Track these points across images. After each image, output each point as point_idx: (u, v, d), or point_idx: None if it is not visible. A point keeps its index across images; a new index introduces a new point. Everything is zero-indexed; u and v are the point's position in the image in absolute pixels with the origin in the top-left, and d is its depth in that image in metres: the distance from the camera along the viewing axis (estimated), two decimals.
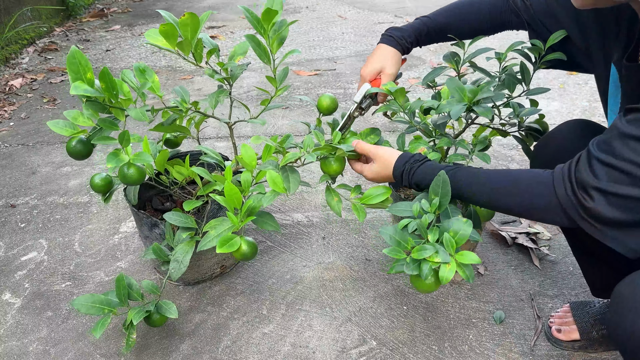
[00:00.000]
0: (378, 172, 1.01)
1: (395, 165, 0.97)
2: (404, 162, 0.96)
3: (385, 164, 0.99)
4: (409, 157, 0.97)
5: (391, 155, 0.99)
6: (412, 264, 0.85)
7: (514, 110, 1.12)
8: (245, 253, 0.97)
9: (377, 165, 1.00)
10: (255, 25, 1.00)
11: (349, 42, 3.21)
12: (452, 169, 0.91)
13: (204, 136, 2.04)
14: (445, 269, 0.83)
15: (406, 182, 0.96)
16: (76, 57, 0.90)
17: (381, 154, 1.00)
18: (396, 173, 0.97)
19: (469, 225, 0.85)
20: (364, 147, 1.03)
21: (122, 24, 3.57)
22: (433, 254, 0.84)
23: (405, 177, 0.95)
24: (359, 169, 1.06)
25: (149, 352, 1.12)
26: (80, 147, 1.01)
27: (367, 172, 1.03)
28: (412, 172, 0.94)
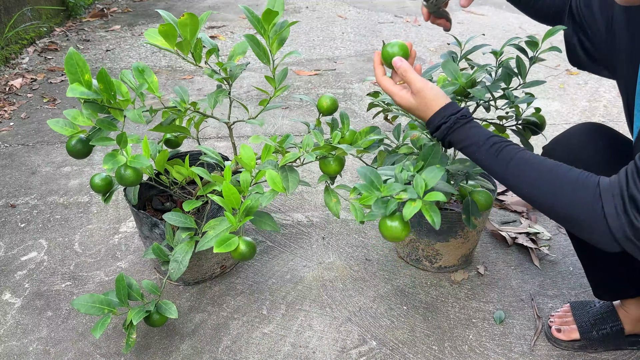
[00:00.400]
0: (412, 106, 0.88)
1: (437, 112, 0.85)
2: (449, 113, 0.84)
3: (425, 105, 0.86)
4: (455, 110, 0.84)
5: (436, 97, 0.86)
6: (381, 203, 0.84)
7: (510, 98, 1.12)
8: (243, 253, 0.97)
9: (415, 101, 0.87)
10: (255, 26, 1.00)
11: (349, 42, 3.21)
12: (499, 141, 0.80)
13: (204, 136, 2.04)
14: (410, 205, 0.82)
15: (440, 135, 0.85)
16: (74, 58, 0.90)
17: (426, 94, 0.86)
18: (434, 120, 0.85)
19: (440, 171, 0.85)
20: (410, 76, 0.87)
21: (122, 24, 3.57)
22: (401, 192, 0.83)
23: (441, 130, 0.84)
24: (389, 88, 0.91)
25: (149, 352, 1.12)
26: (80, 147, 1.01)
27: (399, 98, 0.89)
28: (453, 129, 0.83)
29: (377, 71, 0.93)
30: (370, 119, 2.19)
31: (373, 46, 3.12)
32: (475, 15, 3.83)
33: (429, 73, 1.21)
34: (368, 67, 2.78)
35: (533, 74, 2.62)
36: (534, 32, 3.33)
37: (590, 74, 1.08)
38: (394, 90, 0.90)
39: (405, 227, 0.86)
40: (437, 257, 1.30)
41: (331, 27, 3.53)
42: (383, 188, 0.84)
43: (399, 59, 0.89)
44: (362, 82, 2.57)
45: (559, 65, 2.76)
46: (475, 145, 0.82)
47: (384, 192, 0.84)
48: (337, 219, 1.54)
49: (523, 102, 1.12)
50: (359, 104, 2.33)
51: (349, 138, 1.13)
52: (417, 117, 0.92)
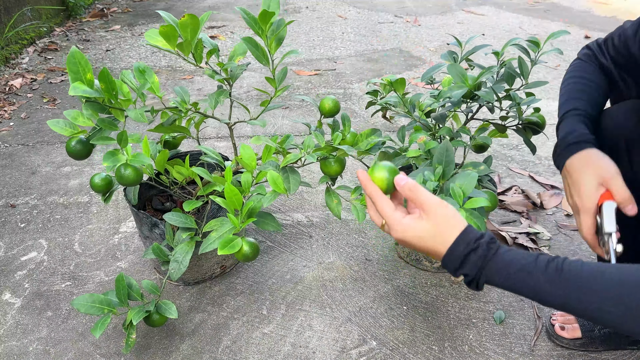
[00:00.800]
0: (422, 236, 0.67)
1: (458, 239, 0.65)
2: (474, 238, 0.65)
3: (441, 229, 0.66)
4: (478, 233, 0.66)
5: (455, 219, 0.67)
6: None
7: (514, 99, 1.13)
8: (246, 254, 0.97)
9: (427, 225, 0.66)
10: (252, 26, 1.01)
11: (349, 42, 3.21)
12: (551, 259, 0.63)
13: (204, 136, 2.04)
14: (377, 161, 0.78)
15: (470, 270, 0.64)
16: (76, 57, 0.90)
17: (442, 212, 0.66)
18: (456, 250, 0.65)
19: (474, 177, 0.79)
20: (418, 193, 0.67)
21: (122, 24, 3.57)
22: None
23: (472, 263, 0.64)
24: (388, 213, 0.69)
25: (149, 352, 1.12)
26: (80, 147, 1.01)
27: (402, 227, 0.68)
28: (489, 259, 0.64)
29: (371, 190, 0.71)
30: (371, 119, 2.19)
31: (373, 46, 3.12)
32: (475, 15, 3.83)
33: (430, 74, 1.21)
34: (368, 67, 2.78)
35: (533, 74, 2.62)
36: (534, 33, 3.33)
37: None
38: (396, 218, 0.68)
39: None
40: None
41: (331, 27, 3.53)
42: None
43: (401, 177, 0.70)
44: (361, 82, 2.57)
45: (559, 65, 2.76)
46: (523, 270, 0.62)
47: None
48: (337, 219, 1.54)
49: (528, 103, 1.12)
50: (359, 104, 2.33)
51: (350, 139, 1.13)
52: (428, 253, 0.69)
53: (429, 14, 3.86)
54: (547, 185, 1.70)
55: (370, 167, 0.75)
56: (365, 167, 1.81)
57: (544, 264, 0.63)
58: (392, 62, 2.83)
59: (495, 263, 0.63)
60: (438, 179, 0.86)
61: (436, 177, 0.86)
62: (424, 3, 4.19)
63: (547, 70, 2.69)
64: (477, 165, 1.07)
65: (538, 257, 0.64)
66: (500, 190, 1.67)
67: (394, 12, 3.91)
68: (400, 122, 2.11)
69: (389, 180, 0.71)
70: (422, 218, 0.67)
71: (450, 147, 0.86)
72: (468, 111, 1.21)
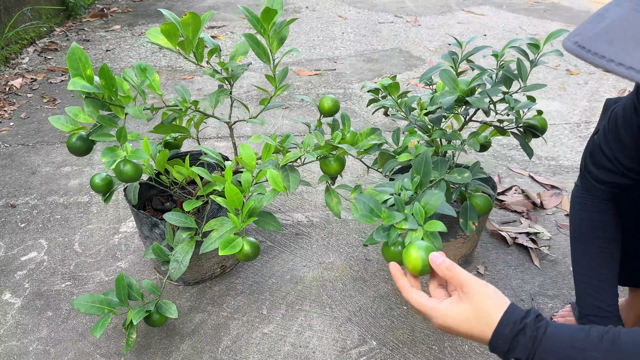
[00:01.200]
0: (465, 319, 0.63)
1: (503, 320, 0.61)
2: (520, 317, 0.61)
3: (483, 310, 0.62)
4: (523, 311, 0.62)
5: (497, 297, 0.63)
6: (382, 231, 0.83)
7: (509, 103, 1.12)
8: (247, 253, 0.97)
9: (468, 307, 0.63)
10: (255, 25, 1.01)
11: (349, 42, 3.21)
12: (604, 331, 0.59)
13: (204, 136, 2.04)
14: (412, 235, 0.80)
15: (522, 353, 0.61)
16: (76, 53, 0.90)
17: (482, 291, 0.63)
18: (502, 332, 0.61)
19: (439, 197, 0.83)
20: (456, 272, 0.66)
21: (123, 24, 3.57)
22: (402, 221, 0.82)
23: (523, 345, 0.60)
24: (425, 305, 0.67)
25: (149, 352, 1.12)
26: (80, 144, 1.02)
27: (441, 313, 0.65)
28: (539, 339, 0.60)
29: (401, 283, 0.70)
30: (371, 119, 2.19)
31: (373, 46, 3.12)
32: (475, 15, 3.83)
33: (429, 75, 1.21)
34: (368, 67, 2.78)
35: (533, 74, 2.62)
36: (534, 33, 3.33)
37: (590, 74, 1.07)
38: (432, 306, 0.66)
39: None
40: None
41: (331, 27, 3.53)
42: (384, 216, 0.84)
43: (437, 255, 0.68)
44: (361, 82, 2.57)
45: (559, 65, 2.76)
46: (575, 348, 0.59)
47: (385, 221, 0.83)
48: (337, 219, 1.54)
49: (523, 107, 1.12)
50: (359, 104, 2.33)
51: (350, 139, 1.13)
52: (472, 338, 0.64)
53: (429, 14, 3.86)
54: (547, 185, 1.70)
55: (406, 246, 0.75)
56: (364, 166, 1.81)
57: (597, 337, 0.59)
58: (392, 62, 2.83)
59: (546, 344, 0.60)
60: (415, 188, 0.88)
61: (413, 185, 0.88)
62: (424, 3, 4.19)
63: (547, 70, 2.69)
64: (462, 172, 1.06)
65: (590, 331, 0.60)
66: (500, 190, 1.67)
67: (394, 12, 3.91)
68: (402, 123, 2.11)
69: (425, 260, 0.70)
70: (462, 300, 0.64)
71: (429, 157, 0.87)
72: (465, 113, 1.21)
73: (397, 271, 0.72)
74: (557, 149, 1.94)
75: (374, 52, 3.01)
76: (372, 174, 1.77)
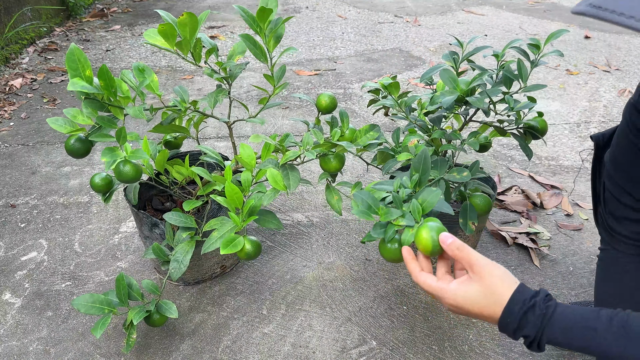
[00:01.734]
0: (474, 297, 0.64)
1: (512, 299, 0.62)
2: (529, 296, 0.62)
3: (493, 291, 0.63)
4: (533, 291, 0.63)
5: (506, 278, 0.64)
6: (379, 228, 0.83)
7: (509, 104, 1.12)
8: (249, 252, 0.97)
9: (478, 286, 0.64)
10: (251, 24, 1.01)
11: (349, 42, 3.21)
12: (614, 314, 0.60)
13: (204, 136, 2.04)
14: (408, 232, 0.80)
15: (531, 331, 0.61)
16: (75, 54, 0.90)
17: (492, 271, 0.64)
18: (512, 310, 0.62)
19: (437, 194, 0.82)
20: (466, 252, 0.66)
21: (122, 24, 3.57)
22: (398, 218, 0.81)
23: (532, 323, 0.61)
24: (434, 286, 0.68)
25: (149, 352, 1.12)
26: (79, 145, 1.01)
27: (451, 293, 0.66)
28: (548, 316, 0.61)
29: (411, 267, 0.72)
30: (371, 119, 2.19)
31: (373, 46, 3.12)
32: (475, 15, 3.83)
33: (429, 74, 1.21)
34: (368, 67, 2.78)
35: (533, 74, 2.62)
36: (534, 33, 3.33)
37: (590, 74, 1.07)
38: (442, 287, 0.67)
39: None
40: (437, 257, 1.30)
41: (331, 27, 3.53)
42: (381, 213, 0.84)
43: (447, 235, 0.69)
44: (361, 82, 2.57)
45: (559, 65, 2.76)
46: (587, 328, 0.59)
47: (382, 217, 0.82)
48: (337, 219, 1.54)
49: (523, 108, 1.12)
50: (359, 104, 2.33)
51: (349, 136, 1.13)
52: (483, 317, 0.65)
53: (429, 14, 3.86)
54: (547, 185, 1.70)
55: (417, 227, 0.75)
56: (364, 164, 1.81)
57: (607, 319, 0.59)
58: (392, 62, 2.83)
59: (556, 321, 0.60)
60: (414, 186, 0.87)
61: (412, 183, 0.88)
62: (424, 3, 4.19)
63: (547, 70, 2.69)
64: (461, 172, 1.06)
65: (600, 313, 0.60)
66: (500, 190, 1.67)
67: (394, 12, 3.91)
68: (402, 122, 2.11)
69: (435, 241, 0.71)
70: (472, 280, 0.65)
71: (428, 155, 0.86)
72: (465, 113, 1.21)
73: (409, 254, 0.73)
74: (557, 149, 1.94)
75: (374, 52, 3.01)
76: (372, 173, 1.77)
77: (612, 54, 2.95)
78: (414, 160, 0.88)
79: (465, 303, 0.65)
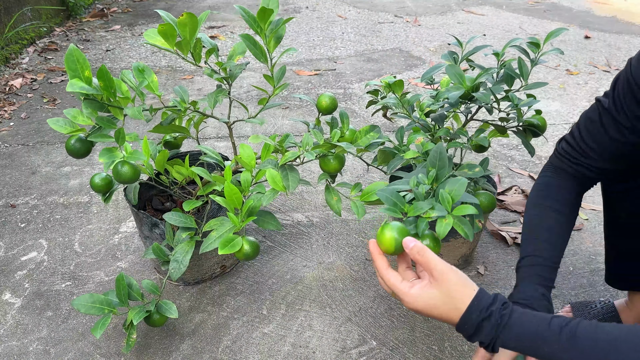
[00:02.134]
0: (433, 301, 0.67)
1: (470, 307, 0.65)
2: (486, 304, 0.65)
3: (452, 297, 0.66)
4: (490, 299, 0.66)
5: (464, 283, 0.67)
6: (409, 224, 0.81)
7: (513, 101, 1.12)
8: (247, 253, 0.97)
9: (437, 292, 0.67)
10: (251, 25, 1.01)
11: (349, 42, 3.21)
12: (564, 324, 0.62)
13: (204, 136, 2.04)
14: (442, 223, 0.79)
15: (485, 337, 0.65)
16: (74, 54, 0.90)
17: (451, 278, 0.66)
18: (469, 318, 0.65)
19: (463, 183, 0.80)
20: (427, 257, 0.68)
21: (123, 24, 3.57)
22: (428, 210, 0.79)
23: (487, 331, 0.64)
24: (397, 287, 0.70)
25: (149, 352, 1.12)
26: (79, 146, 1.01)
27: (411, 298, 0.68)
28: (502, 326, 0.63)
29: (378, 263, 0.73)
30: (371, 119, 2.19)
31: (373, 46, 3.12)
32: (475, 15, 3.83)
33: (430, 74, 1.21)
34: (368, 67, 2.78)
35: (533, 74, 2.62)
36: (534, 33, 3.33)
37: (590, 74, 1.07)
38: (404, 290, 0.69)
39: (437, 244, 0.82)
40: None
41: (331, 27, 3.53)
42: (409, 208, 0.81)
43: (410, 239, 0.71)
44: (361, 82, 2.57)
45: (559, 65, 2.76)
46: (537, 338, 0.62)
47: (410, 212, 0.80)
48: (337, 219, 1.54)
49: (526, 105, 1.12)
50: (359, 104, 2.33)
51: (349, 137, 1.13)
52: (441, 320, 0.68)
53: (429, 14, 3.86)
54: None
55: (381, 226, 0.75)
56: (364, 165, 1.80)
57: (557, 329, 0.62)
58: (392, 62, 2.83)
59: (508, 331, 0.63)
60: (431, 182, 0.87)
61: (429, 180, 0.87)
62: (424, 3, 4.19)
63: (547, 70, 2.69)
64: (472, 167, 1.07)
65: (551, 322, 0.63)
66: (500, 190, 1.67)
67: (394, 12, 3.91)
68: (401, 122, 2.11)
69: (398, 241, 0.73)
70: (432, 285, 0.67)
71: (444, 150, 0.86)
72: (467, 112, 1.21)
73: (376, 249, 0.74)
74: None
75: (374, 52, 3.01)
76: (372, 173, 1.77)
77: (612, 54, 2.95)
78: (430, 156, 0.88)
79: (425, 307, 0.67)
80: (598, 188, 1.06)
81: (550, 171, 0.96)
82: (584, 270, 1.34)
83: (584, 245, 1.43)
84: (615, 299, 1.15)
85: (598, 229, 1.49)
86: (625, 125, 0.80)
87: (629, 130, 0.80)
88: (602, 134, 0.84)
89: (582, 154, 0.88)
